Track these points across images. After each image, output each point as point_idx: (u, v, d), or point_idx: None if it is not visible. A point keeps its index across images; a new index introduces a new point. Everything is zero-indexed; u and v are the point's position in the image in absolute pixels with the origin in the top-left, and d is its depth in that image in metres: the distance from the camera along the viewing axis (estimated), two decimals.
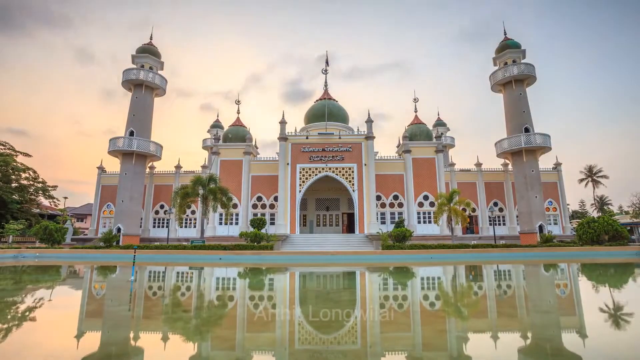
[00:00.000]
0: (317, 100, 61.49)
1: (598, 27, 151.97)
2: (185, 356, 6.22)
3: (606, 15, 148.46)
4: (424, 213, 49.55)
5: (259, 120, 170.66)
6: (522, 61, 50.23)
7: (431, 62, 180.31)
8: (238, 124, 56.27)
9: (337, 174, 48.66)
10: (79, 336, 7.37)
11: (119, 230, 46.28)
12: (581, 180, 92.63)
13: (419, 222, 49.13)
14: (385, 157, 51.72)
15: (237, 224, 49.48)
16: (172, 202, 42.40)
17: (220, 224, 49.66)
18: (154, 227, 53.29)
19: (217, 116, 73.16)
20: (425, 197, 49.61)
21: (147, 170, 52.68)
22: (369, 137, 49.30)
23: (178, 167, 54.66)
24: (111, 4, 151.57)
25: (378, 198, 49.31)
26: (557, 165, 53.66)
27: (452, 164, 52.95)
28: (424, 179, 50.09)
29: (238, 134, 53.87)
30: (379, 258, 32.89)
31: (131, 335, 7.70)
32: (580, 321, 9.00)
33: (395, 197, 49.94)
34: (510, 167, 51.78)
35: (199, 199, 41.46)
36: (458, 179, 52.36)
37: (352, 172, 48.50)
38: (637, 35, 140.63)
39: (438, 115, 71.95)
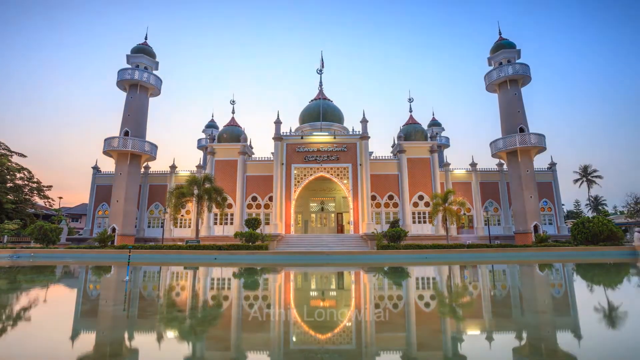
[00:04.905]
0: (312, 100, 61.43)
1: (594, 27, 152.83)
2: (180, 356, 6.22)
3: (602, 15, 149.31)
4: (419, 213, 49.63)
5: (254, 120, 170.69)
6: (517, 61, 50.29)
7: (428, 61, 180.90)
8: (233, 124, 56.12)
9: (332, 174, 48.68)
10: (73, 336, 7.36)
11: (113, 230, 46.10)
12: (576, 180, 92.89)
13: (414, 222, 49.19)
14: (380, 157, 51.73)
15: (232, 224, 49.42)
16: (167, 202, 42.35)
17: (215, 223, 49.64)
18: (149, 227, 53.09)
19: (212, 116, 72.75)
20: (420, 197, 49.68)
21: (142, 170, 52.50)
22: (364, 137, 49.34)
23: (173, 167, 54.44)
24: (108, 4, 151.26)
25: (373, 198, 49.37)
26: (552, 165, 53.77)
27: (447, 164, 52.97)
28: (418, 179, 50.16)
29: (233, 134, 53.73)
30: (374, 258, 32.94)
31: (126, 335, 7.69)
32: (574, 321, 9.05)
33: (390, 197, 49.98)
34: (505, 167, 51.85)
35: (194, 199, 41.37)
36: (453, 179, 52.40)
37: (347, 172, 48.53)
38: (631, 36, 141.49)
39: (433, 115, 72.09)
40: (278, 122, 50.24)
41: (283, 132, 50.54)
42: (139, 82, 50.25)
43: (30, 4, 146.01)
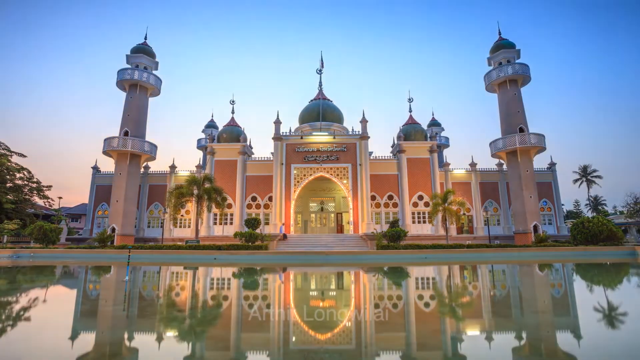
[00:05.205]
0: (311, 100, 61.39)
1: (593, 26, 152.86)
2: (179, 356, 6.22)
3: (602, 13, 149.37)
4: (419, 213, 49.63)
5: (254, 120, 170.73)
6: (517, 61, 50.32)
7: (426, 62, 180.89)
8: (233, 124, 56.11)
9: (331, 174, 48.72)
10: (73, 336, 7.35)
11: (113, 230, 46.11)
12: (576, 180, 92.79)
13: (414, 222, 49.19)
14: (380, 157, 51.73)
15: (231, 224, 49.44)
16: (167, 202, 42.35)
17: (215, 223, 49.67)
18: (149, 227, 53.10)
19: (212, 116, 72.73)
20: (420, 197, 49.68)
21: (142, 170, 52.48)
22: (364, 137, 49.37)
23: (172, 167, 54.41)
24: (108, 4, 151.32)
25: (373, 198, 49.37)
26: (552, 165, 53.76)
27: (447, 164, 52.96)
28: (418, 179, 50.16)
29: (233, 134, 53.72)
30: (374, 258, 32.93)
31: (126, 335, 7.69)
32: (574, 321, 9.06)
33: (390, 197, 49.97)
34: (505, 167, 51.84)
35: (194, 199, 41.35)
36: (452, 179, 52.39)
37: (347, 172, 48.57)
38: (631, 36, 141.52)
39: (432, 115, 72.10)
40: (278, 122, 50.28)
41: (283, 132, 50.57)
42: (138, 82, 50.31)
43: (31, 4, 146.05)
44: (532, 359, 5.88)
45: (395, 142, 53.99)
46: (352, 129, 52.82)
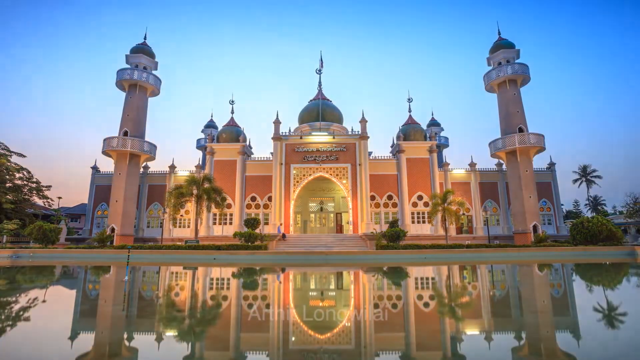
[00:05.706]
0: (311, 100, 61.33)
1: (593, 25, 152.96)
2: (179, 356, 6.21)
3: (601, 15, 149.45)
4: (418, 213, 49.60)
5: (254, 120, 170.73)
6: (516, 61, 50.29)
7: (426, 61, 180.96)
8: (232, 124, 56.04)
9: (331, 174, 48.70)
10: (72, 336, 7.35)
11: (112, 230, 46.06)
12: (575, 180, 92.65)
13: (413, 222, 49.17)
14: (380, 157, 51.71)
15: (231, 224, 49.40)
16: (166, 202, 42.33)
17: (215, 223, 49.62)
18: (148, 227, 53.06)
19: (211, 116, 72.64)
20: (420, 197, 49.66)
21: (141, 170, 52.42)
22: (363, 137, 49.35)
23: (172, 167, 54.39)
24: (108, 4, 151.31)
25: (372, 198, 49.34)
26: (551, 165, 53.75)
27: (446, 164, 52.90)
28: (417, 179, 50.14)
29: (232, 134, 53.66)
30: (373, 258, 32.93)
31: (125, 335, 7.69)
32: (573, 321, 9.06)
33: (390, 197, 49.95)
34: (504, 167, 51.81)
35: (193, 199, 41.30)
36: (452, 179, 52.33)
37: (346, 172, 48.56)
38: (630, 36, 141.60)
39: (432, 115, 72.04)
40: (277, 122, 50.26)
41: (282, 132, 50.55)
42: (138, 82, 50.26)
43: (30, 3, 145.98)
44: (532, 359, 5.88)
45: (395, 142, 53.96)
46: (352, 129, 52.72)
